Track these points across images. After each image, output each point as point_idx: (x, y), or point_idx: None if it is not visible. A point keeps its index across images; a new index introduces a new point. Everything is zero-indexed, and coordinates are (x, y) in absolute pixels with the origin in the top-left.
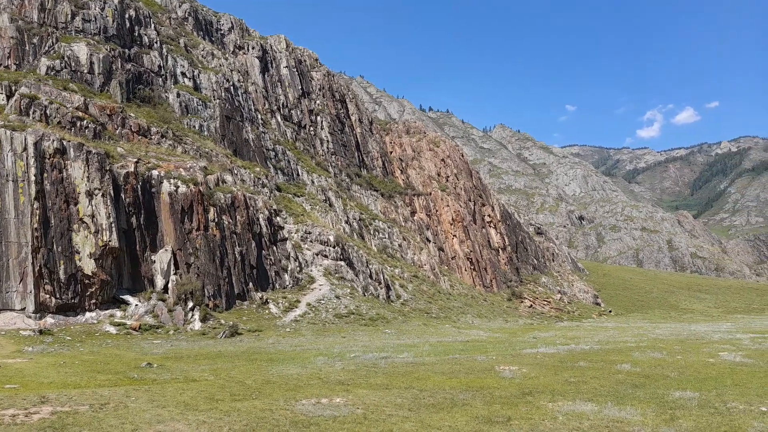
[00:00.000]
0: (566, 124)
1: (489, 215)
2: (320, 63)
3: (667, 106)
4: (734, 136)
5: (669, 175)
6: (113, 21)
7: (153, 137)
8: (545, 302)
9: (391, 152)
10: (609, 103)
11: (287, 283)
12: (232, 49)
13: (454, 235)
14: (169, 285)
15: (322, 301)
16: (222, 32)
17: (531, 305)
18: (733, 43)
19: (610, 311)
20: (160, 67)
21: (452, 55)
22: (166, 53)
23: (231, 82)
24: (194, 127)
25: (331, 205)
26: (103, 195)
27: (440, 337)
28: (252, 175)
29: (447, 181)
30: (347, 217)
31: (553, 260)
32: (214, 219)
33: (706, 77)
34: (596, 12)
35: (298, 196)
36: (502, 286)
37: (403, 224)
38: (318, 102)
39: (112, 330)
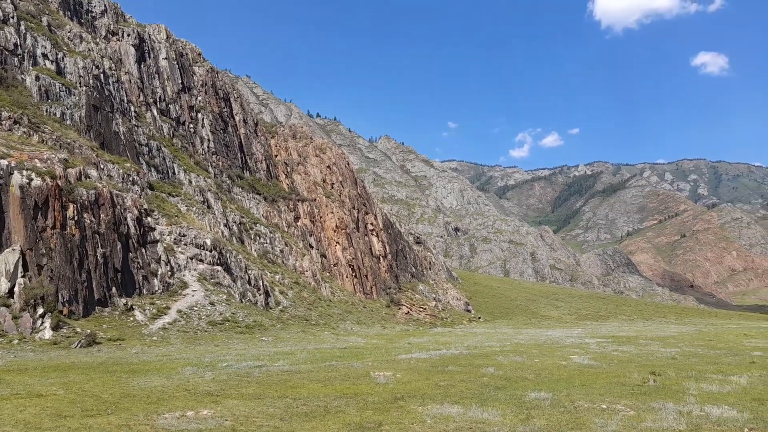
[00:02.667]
0: (447, 140)
1: (372, 223)
2: (203, 58)
3: (536, 130)
4: (590, 160)
5: (534, 193)
6: None
7: (4, 123)
8: (421, 309)
9: (276, 156)
10: (487, 123)
11: (156, 288)
12: (104, 34)
13: (338, 242)
14: (16, 289)
15: (195, 308)
16: (93, 15)
17: (408, 312)
18: (592, 77)
19: (480, 318)
20: (16, 45)
21: (343, 63)
22: (24, 31)
23: (101, 69)
24: (55, 114)
25: (209, 206)
26: None
27: (318, 344)
28: (121, 170)
29: (332, 188)
30: (227, 220)
31: (430, 269)
32: (73, 217)
33: (570, 106)
34: (479, 37)
35: (173, 196)
36: (382, 293)
37: (285, 229)
38: (200, 98)
39: None
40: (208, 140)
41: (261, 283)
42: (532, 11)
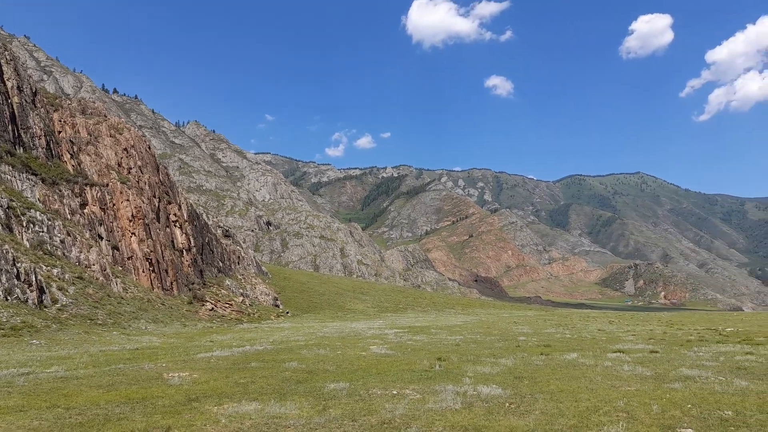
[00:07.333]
0: (263, 132)
1: (175, 214)
2: None
3: (351, 131)
4: (397, 163)
5: (346, 191)
6: None
7: None
8: (227, 305)
9: (59, 132)
10: (305, 120)
11: None
12: None
13: (133, 233)
14: None
15: None
16: None
17: (213, 308)
18: (404, 87)
19: (288, 312)
20: None
21: (149, 38)
22: None
23: None
24: None
25: None
26: None
27: (104, 346)
28: None
29: (129, 173)
30: None
31: (239, 263)
32: None
33: (383, 111)
34: (300, 34)
35: None
36: (184, 289)
37: (69, 217)
38: None
39: None
40: None
41: (34, 278)
42: (352, 16)
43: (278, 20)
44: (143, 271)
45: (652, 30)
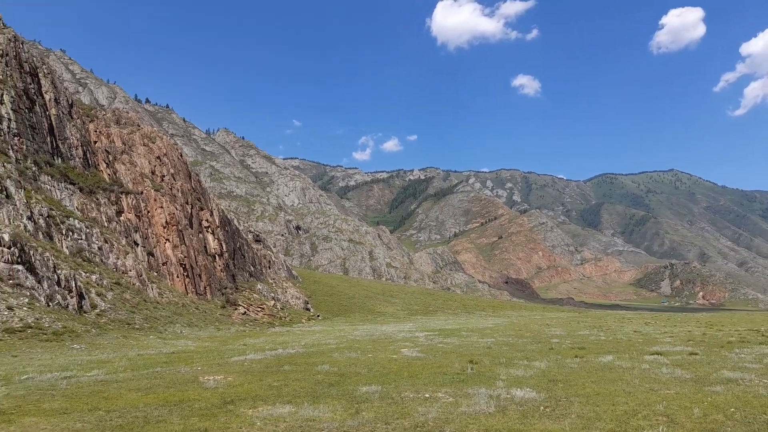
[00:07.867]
0: (291, 137)
1: (207, 220)
2: (5, 24)
3: (378, 134)
4: (424, 165)
5: (373, 194)
6: None
7: None
8: (259, 309)
9: (95, 142)
10: (331, 124)
11: None
12: None
13: (167, 239)
14: None
15: None
16: None
17: (245, 312)
18: (430, 89)
19: (318, 316)
20: None
21: (179, 48)
22: None
23: None
24: None
25: (9, 196)
26: None
27: (142, 350)
28: None
29: (162, 180)
30: (31, 212)
31: (270, 267)
32: None
33: (409, 113)
34: (324, 39)
35: None
36: (217, 294)
37: (106, 224)
38: None
39: None
40: (10, 119)
41: (73, 285)
42: (377, 19)
43: (301, 25)
44: (177, 277)
45: (683, 24)
